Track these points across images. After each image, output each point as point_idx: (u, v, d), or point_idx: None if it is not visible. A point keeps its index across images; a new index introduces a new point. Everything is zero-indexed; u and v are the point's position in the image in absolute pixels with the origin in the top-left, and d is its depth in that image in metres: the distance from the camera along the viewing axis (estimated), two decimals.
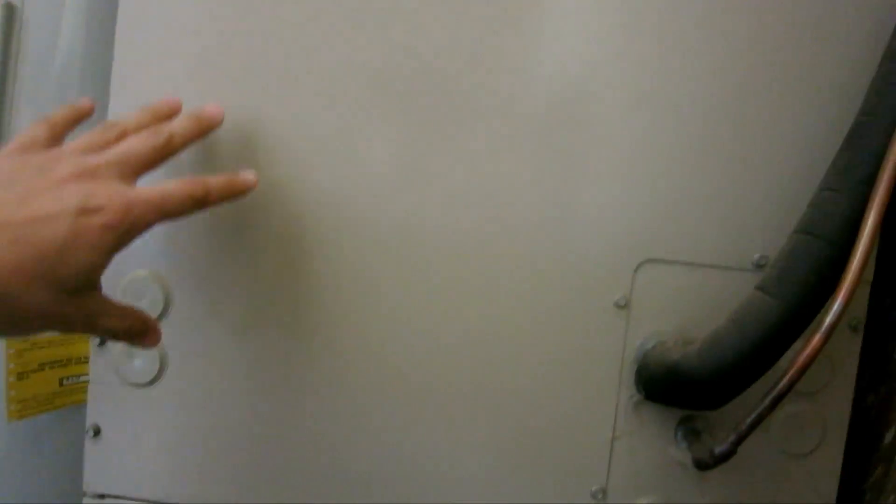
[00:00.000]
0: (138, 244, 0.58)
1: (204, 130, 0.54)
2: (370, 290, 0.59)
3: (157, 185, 0.47)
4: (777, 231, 0.55)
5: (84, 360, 0.80)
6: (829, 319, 0.48)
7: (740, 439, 0.50)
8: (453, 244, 0.59)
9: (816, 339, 0.48)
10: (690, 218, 0.57)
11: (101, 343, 0.61)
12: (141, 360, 0.60)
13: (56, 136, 0.49)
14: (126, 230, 0.44)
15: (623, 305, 0.58)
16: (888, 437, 0.63)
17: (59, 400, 0.78)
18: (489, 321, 0.59)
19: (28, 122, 0.73)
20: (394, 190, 0.59)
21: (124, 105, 0.60)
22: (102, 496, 0.62)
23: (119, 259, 0.57)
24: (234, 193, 0.53)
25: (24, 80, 0.74)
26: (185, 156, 0.55)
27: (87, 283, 0.43)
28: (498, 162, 0.58)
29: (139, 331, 0.50)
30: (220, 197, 0.51)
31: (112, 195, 0.43)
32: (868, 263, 0.54)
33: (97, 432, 0.61)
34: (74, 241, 0.41)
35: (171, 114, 0.55)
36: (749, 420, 0.50)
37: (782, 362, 0.50)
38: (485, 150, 0.58)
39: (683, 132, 0.57)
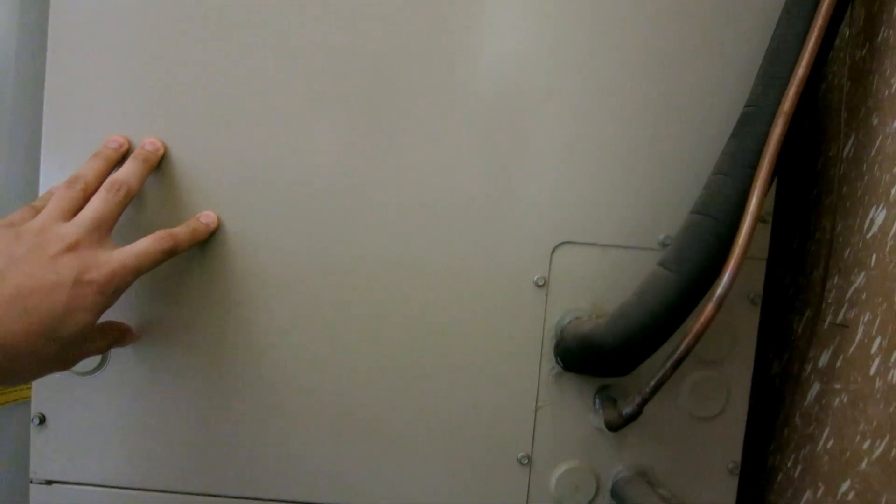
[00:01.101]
0: None
1: (152, 167, 0.60)
2: (307, 274, 0.63)
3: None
4: (681, 214, 0.60)
5: None
6: (720, 290, 0.53)
7: (644, 401, 0.55)
8: (387, 231, 0.62)
9: (709, 308, 0.53)
10: (602, 203, 0.62)
11: None
12: None
13: (37, 211, 0.55)
14: (112, 291, 0.53)
15: (542, 285, 0.62)
16: (787, 403, 0.69)
17: (2, 398, 0.79)
18: (418, 303, 0.63)
19: None
20: (335, 185, 0.62)
21: (60, 113, 0.62)
22: (49, 482, 0.63)
23: None
24: (200, 238, 0.61)
25: None
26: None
27: (83, 335, 0.52)
28: (427, 156, 0.62)
29: (119, 339, 0.60)
30: (188, 245, 0.59)
31: (100, 265, 0.52)
32: (759, 236, 0.60)
33: (42, 420, 0.63)
34: (72, 306, 0.50)
35: (121, 154, 0.60)
36: (652, 383, 0.54)
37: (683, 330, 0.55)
38: (416, 146, 0.62)
39: (593, 126, 0.62)
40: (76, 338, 0.51)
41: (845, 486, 0.58)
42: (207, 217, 0.62)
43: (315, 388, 0.63)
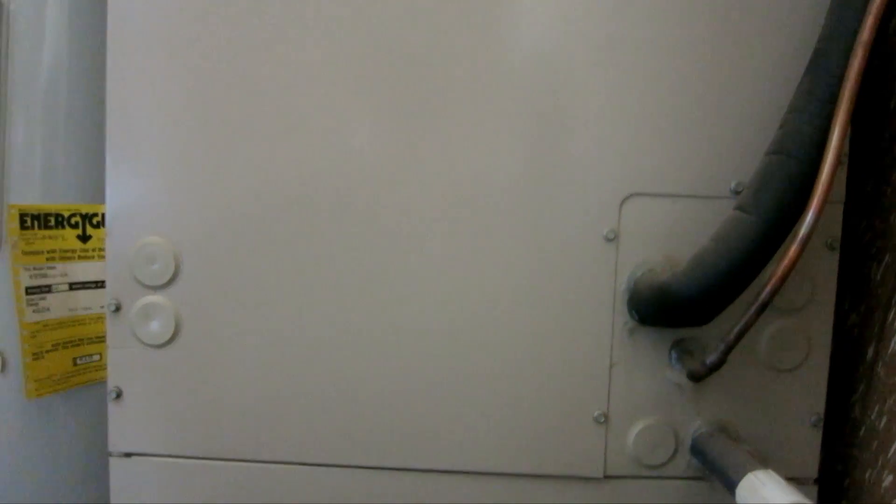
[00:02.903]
0: (148, 211, 0.62)
1: None
2: (378, 251, 0.62)
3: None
4: (752, 159, 0.58)
5: (97, 340, 0.83)
6: (803, 231, 0.51)
7: (729, 348, 0.53)
8: (452, 198, 0.62)
9: (793, 249, 0.52)
10: (670, 153, 0.61)
11: (116, 309, 0.63)
12: (157, 322, 0.63)
13: None
14: None
15: (612, 238, 0.61)
16: (870, 354, 0.67)
17: (74, 379, 0.81)
18: (490, 265, 0.62)
19: (22, 112, 0.76)
20: (400, 161, 0.61)
21: (121, 103, 0.62)
22: (128, 455, 0.64)
23: (131, 225, 0.61)
24: None
25: (14, 69, 0.76)
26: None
27: None
28: (489, 126, 0.61)
29: None
30: None
31: None
32: (836, 178, 0.58)
33: (119, 395, 0.64)
34: None
35: None
36: (736, 330, 0.53)
37: (763, 277, 0.53)
38: (476, 117, 0.61)
39: (654, 74, 0.60)
40: None
41: None
42: None
43: (383, 353, 0.63)
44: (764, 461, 0.56)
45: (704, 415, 0.63)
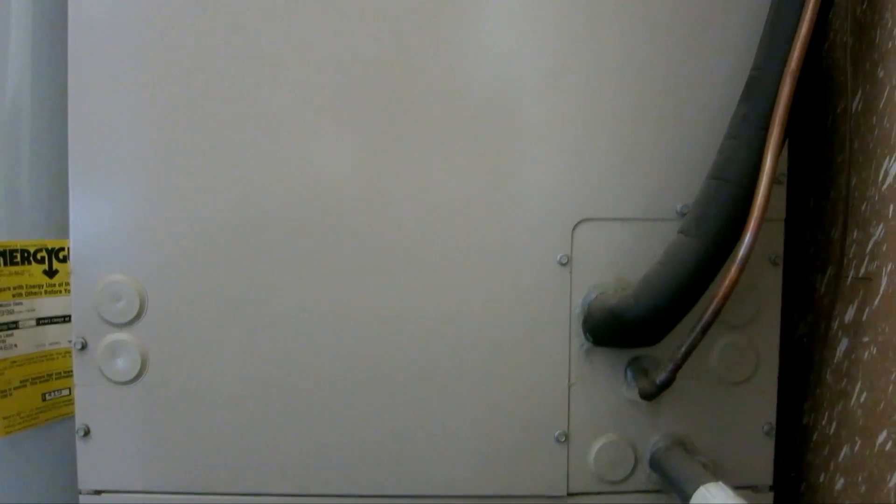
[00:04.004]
0: (111, 248, 0.63)
1: None
2: (339, 279, 0.64)
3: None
4: (696, 181, 0.61)
5: (65, 375, 0.83)
6: (742, 252, 0.54)
7: (677, 367, 0.56)
8: (408, 224, 0.63)
9: (733, 270, 0.54)
10: (617, 178, 0.63)
11: (83, 347, 0.64)
12: (123, 359, 0.64)
13: None
14: None
15: (565, 263, 0.63)
16: (818, 362, 0.70)
17: (43, 415, 0.81)
18: (446, 292, 0.64)
19: None
20: (358, 190, 0.63)
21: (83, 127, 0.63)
22: (98, 492, 0.65)
23: (95, 264, 0.62)
24: None
25: None
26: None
27: None
28: (444, 153, 0.63)
29: None
30: None
31: None
32: (774, 198, 0.61)
33: (87, 432, 0.64)
34: None
35: None
36: (683, 349, 0.55)
37: (709, 295, 0.55)
38: (432, 145, 0.63)
39: (601, 106, 0.63)
40: None
41: (882, 437, 0.59)
42: None
43: (347, 382, 0.65)
44: (717, 473, 0.58)
45: (661, 429, 0.65)
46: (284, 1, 0.62)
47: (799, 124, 0.73)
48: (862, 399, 0.62)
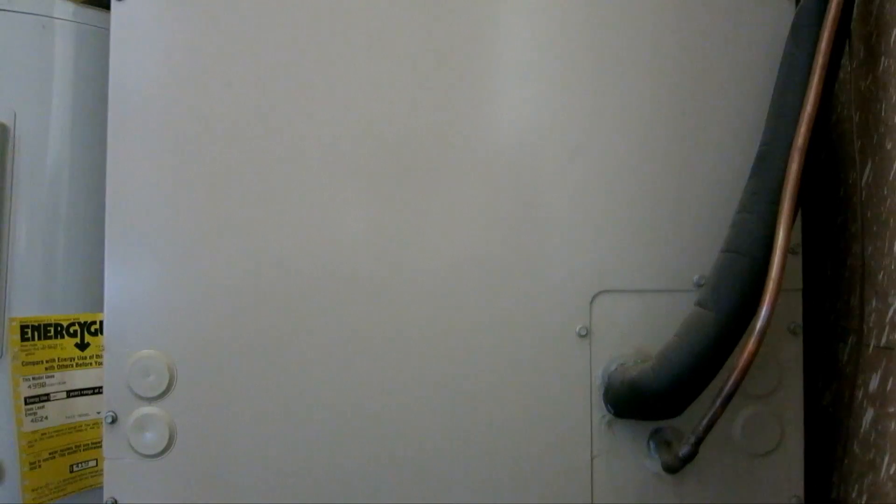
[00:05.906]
0: (142, 324, 0.65)
1: None
2: (366, 352, 0.65)
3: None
4: (713, 252, 0.62)
5: (93, 446, 0.84)
6: (759, 323, 0.54)
7: (699, 440, 0.55)
8: (428, 294, 0.65)
9: (751, 342, 0.54)
10: (635, 251, 0.65)
11: (113, 420, 0.65)
12: (151, 433, 0.65)
13: None
14: None
15: (584, 335, 0.64)
16: (844, 432, 0.69)
17: (70, 486, 0.82)
18: (470, 363, 0.65)
19: (23, 225, 0.80)
20: (384, 265, 0.65)
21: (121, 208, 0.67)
22: None
23: (125, 339, 0.64)
24: None
25: (19, 187, 0.81)
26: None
27: None
28: (462, 221, 0.65)
29: None
30: None
31: None
32: (789, 269, 0.62)
33: None
34: None
35: None
36: (704, 422, 0.55)
37: (729, 367, 0.56)
38: (452, 216, 0.65)
39: (620, 177, 0.65)
40: None
41: None
42: None
43: (372, 458, 0.65)
44: None
45: (686, 501, 0.64)
46: (308, 81, 0.66)
47: (811, 194, 0.74)
48: (892, 471, 0.61)
